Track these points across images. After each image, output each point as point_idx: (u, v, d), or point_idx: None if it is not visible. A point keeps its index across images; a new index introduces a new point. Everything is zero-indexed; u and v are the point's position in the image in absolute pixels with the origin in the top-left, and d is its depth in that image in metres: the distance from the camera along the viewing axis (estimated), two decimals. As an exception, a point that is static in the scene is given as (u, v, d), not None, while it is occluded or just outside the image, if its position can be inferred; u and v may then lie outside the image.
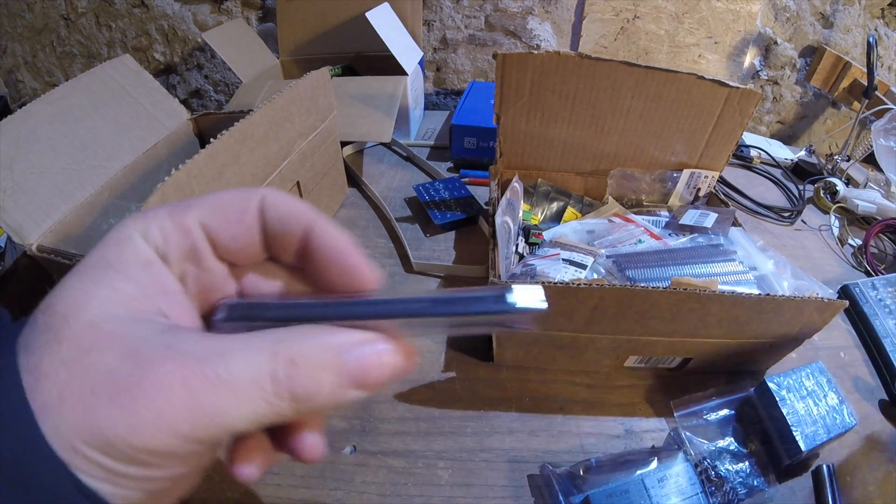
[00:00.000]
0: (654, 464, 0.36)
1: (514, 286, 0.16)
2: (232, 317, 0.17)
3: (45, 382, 0.13)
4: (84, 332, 0.14)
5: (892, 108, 0.73)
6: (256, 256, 0.18)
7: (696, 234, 0.53)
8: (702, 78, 0.50)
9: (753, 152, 0.82)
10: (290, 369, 0.14)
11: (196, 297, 0.17)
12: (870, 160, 0.78)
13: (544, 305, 0.16)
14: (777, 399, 0.38)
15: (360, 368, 0.15)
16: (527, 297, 0.16)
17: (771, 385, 0.39)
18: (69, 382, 0.13)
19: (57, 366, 0.13)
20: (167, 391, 0.13)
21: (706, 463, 0.38)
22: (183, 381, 0.13)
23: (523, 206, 0.59)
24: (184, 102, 0.99)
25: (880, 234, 0.66)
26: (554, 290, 0.37)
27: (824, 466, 0.39)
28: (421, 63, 0.83)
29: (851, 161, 0.80)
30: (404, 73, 0.74)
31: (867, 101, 0.77)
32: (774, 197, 0.75)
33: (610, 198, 0.61)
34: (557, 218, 0.60)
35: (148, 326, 0.14)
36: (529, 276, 0.46)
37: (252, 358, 0.14)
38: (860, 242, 0.64)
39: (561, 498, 0.35)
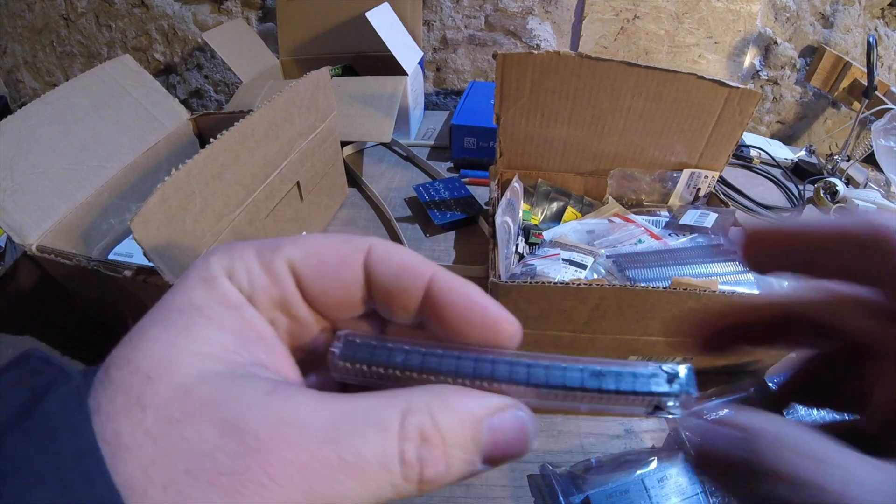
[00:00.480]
0: (654, 464, 0.36)
1: (681, 367, 0.14)
2: (350, 356, 0.15)
3: (127, 456, 0.11)
4: (174, 398, 0.12)
5: (892, 108, 0.73)
6: (354, 310, 0.16)
7: (696, 234, 0.53)
8: (702, 78, 0.50)
9: (753, 152, 0.82)
10: (422, 449, 0.12)
11: (288, 347, 0.16)
12: (870, 160, 0.78)
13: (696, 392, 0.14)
14: (777, 399, 0.38)
15: (495, 442, 0.13)
16: (689, 376, 0.14)
17: (771, 385, 0.39)
18: (157, 459, 0.11)
19: (141, 437, 0.11)
20: (282, 478, 0.11)
21: (706, 463, 0.37)
22: (301, 468, 0.11)
23: (523, 206, 0.59)
24: (184, 102, 0.99)
25: (880, 234, 0.66)
26: (554, 290, 0.37)
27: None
28: (421, 63, 0.83)
29: (851, 161, 0.80)
30: (404, 73, 0.74)
31: (867, 101, 0.77)
32: (774, 197, 0.75)
33: (610, 198, 0.61)
34: (557, 218, 0.60)
35: (251, 387, 0.12)
36: (529, 276, 0.46)
37: (380, 436, 0.12)
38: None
39: (561, 498, 0.35)
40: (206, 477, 0.11)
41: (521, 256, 0.52)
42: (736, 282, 0.45)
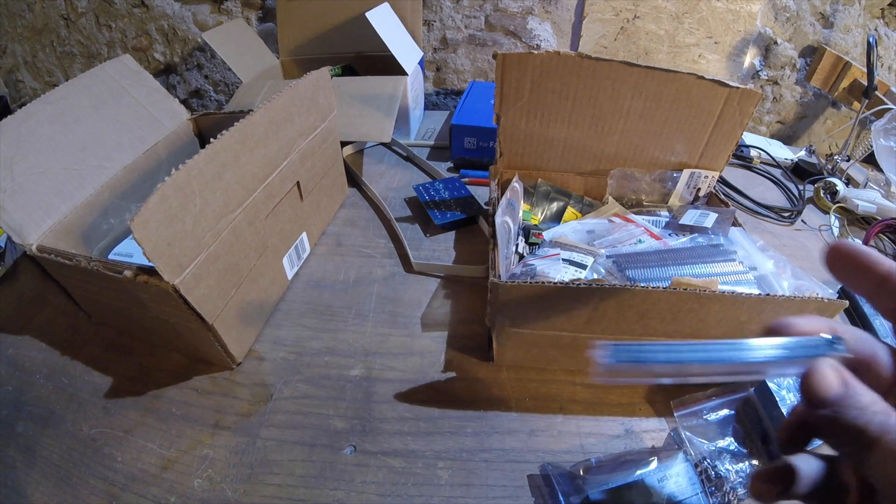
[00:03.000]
0: (654, 464, 0.36)
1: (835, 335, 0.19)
2: (618, 358, 0.18)
3: None
4: None
5: (892, 108, 0.72)
6: None
7: (696, 234, 0.53)
8: (702, 78, 0.50)
9: (753, 152, 0.82)
10: None
11: None
12: (870, 160, 0.78)
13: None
14: (777, 399, 0.38)
15: None
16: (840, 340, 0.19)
17: (771, 385, 0.39)
18: None
19: None
20: None
21: (706, 463, 0.38)
22: None
23: (523, 206, 0.59)
24: (184, 102, 0.99)
25: (880, 234, 0.66)
26: (554, 290, 0.37)
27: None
28: (421, 63, 0.83)
29: (851, 161, 0.80)
30: (404, 73, 0.74)
31: (867, 101, 0.77)
32: (774, 197, 0.75)
33: (610, 198, 0.61)
34: (557, 218, 0.60)
35: None
36: (529, 276, 0.46)
37: None
38: (860, 242, 0.64)
39: (561, 498, 0.35)
40: None
41: (521, 256, 0.52)
42: (736, 282, 0.45)
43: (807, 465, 0.22)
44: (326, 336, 0.49)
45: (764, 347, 0.19)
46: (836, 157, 0.80)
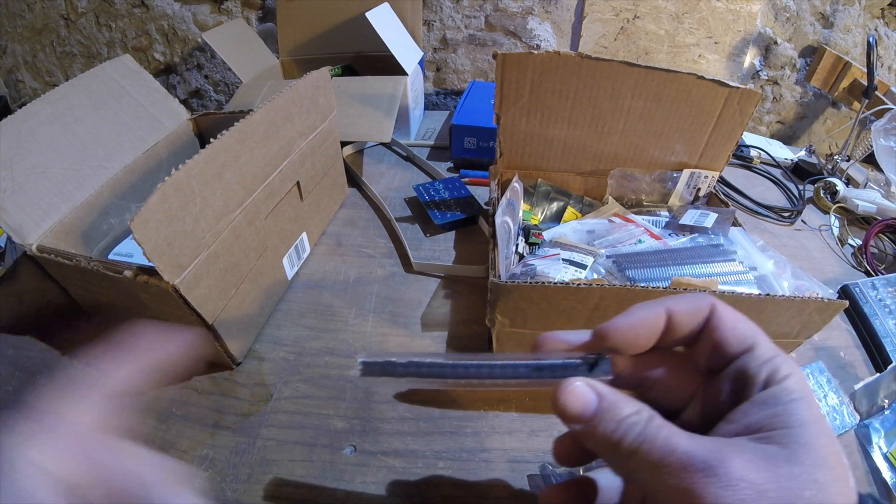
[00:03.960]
0: (654, 464, 0.36)
1: (601, 357, 0.20)
2: (369, 372, 0.20)
3: None
4: None
5: (892, 108, 0.73)
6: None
7: (696, 234, 0.53)
8: (702, 78, 0.50)
9: (753, 152, 0.82)
10: None
11: None
12: (870, 160, 0.78)
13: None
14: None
15: None
16: (605, 363, 0.20)
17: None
18: None
19: None
20: None
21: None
22: None
23: (523, 206, 0.59)
24: (184, 102, 0.99)
25: (880, 234, 0.66)
26: (554, 290, 0.37)
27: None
28: (421, 63, 0.83)
29: (851, 161, 0.80)
30: (404, 73, 0.74)
31: (867, 101, 0.77)
32: (774, 197, 0.75)
33: (610, 198, 0.61)
34: (557, 218, 0.60)
35: None
36: (529, 276, 0.46)
37: None
38: (860, 242, 0.64)
39: (561, 498, 0.35)
40: None
41: (521, 256, 0.52)
42: (736, 282, 0.45)
43: (608, 479, 0.21)
44: (326, 336, 0.49)
45: (506, 366, 0.20)
46: (836, 157, 0.80)
